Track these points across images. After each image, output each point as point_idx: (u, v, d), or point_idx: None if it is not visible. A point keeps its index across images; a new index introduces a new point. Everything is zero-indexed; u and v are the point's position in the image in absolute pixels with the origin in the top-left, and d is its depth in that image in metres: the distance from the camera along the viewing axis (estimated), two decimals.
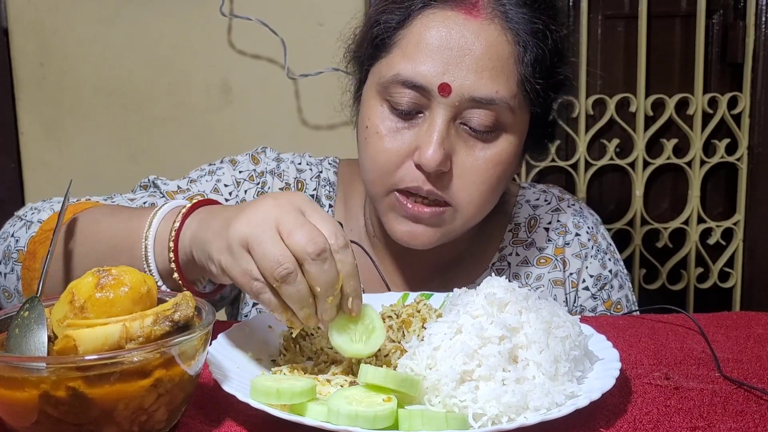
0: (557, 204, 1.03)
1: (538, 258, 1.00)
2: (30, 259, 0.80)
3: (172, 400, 0.54)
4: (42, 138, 1.74)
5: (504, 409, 0.56)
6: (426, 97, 0.82)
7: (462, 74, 0.81)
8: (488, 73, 0.81)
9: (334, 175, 1.03)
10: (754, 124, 1.84)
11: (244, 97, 1.74)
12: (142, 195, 0.95)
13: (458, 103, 0.82)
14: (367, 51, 0.89)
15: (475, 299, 0.65)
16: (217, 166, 1.00)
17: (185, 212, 0.72)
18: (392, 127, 0.84)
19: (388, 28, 0.85)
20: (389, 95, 0.84)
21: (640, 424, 0.59)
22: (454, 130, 0.84)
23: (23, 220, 0.86)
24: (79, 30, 1.69)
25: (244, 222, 0.63)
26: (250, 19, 1.66)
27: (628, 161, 1.85)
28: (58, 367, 0.49)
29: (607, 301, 1.00)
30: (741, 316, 0.89)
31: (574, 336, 0.65)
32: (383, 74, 0.85)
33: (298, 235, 0.61)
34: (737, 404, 0.62)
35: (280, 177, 0.99)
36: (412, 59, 0.82)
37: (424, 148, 0.82)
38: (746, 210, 1.89)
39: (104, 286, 0.54)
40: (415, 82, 0.82)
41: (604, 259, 1.01)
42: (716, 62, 1.87)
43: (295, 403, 0.57)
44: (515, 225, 1.02)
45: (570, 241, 1.00)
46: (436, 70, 0.81)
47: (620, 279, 1.03)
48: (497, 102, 0.82)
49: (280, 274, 0.60)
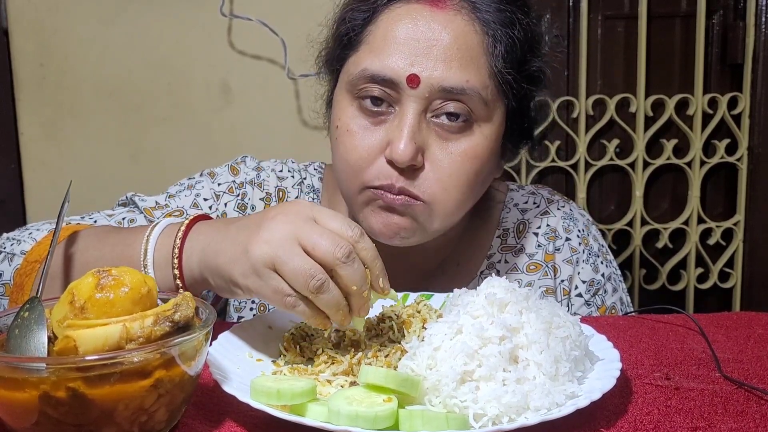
0: (546, 207, 1.01)
1: (528, 264, 0.98)
2: (17, 291, 0.79)
3: (173, 400, 0.54)
4: (42, 138, 1.73)
5: (504, 410, 0.56)
6: (395, 90, 0.81)
7: (430, 65, 0.79)
8: (457, 63, 0.79)
9: (318, 181, 1.02)
10: (754, 125, 1.84)
11: (244, 98, 1.74)
12: (120, 211, 0.95)
13: (428, 95, 0.80)
14: (336, 52, 0.88)
15: (476, 299, 0.65)
16: (196, 180, 0.99)
17: (182, 235, 0.72)
18: (363, 124, 0.83)
19: (354, 26, 0.85)
20: (358, 92, 0.83)
21: (641, 424, 0.59)
22: (426, 124, 0.82)
23: (2, 253, 0.85)
24: (79, 30, 1.69)
25: (262, 244, 0.64)
26: (251, 20, 1.66)
27: (628, 161, 1.86)
28: (58, 368, 0.49)
29: (602, 306, 0.98)
30: (741, 317, 0.89)
31: (574, 336, 0.64)
32: (351, 72, 0.84)
33: (323, 245, 0.63)
34: (738, 404, 0.62)
35: (260, 187, 0.99)
36: (379, 54, 0.81)
37: (395, 142, 0.80)
38: (746, 210, 1.89)
39: (104, 287, 0.54)
40: (384, 76, 0.80)
41: (596, 263, 0.99)
42: (716, 62, 1.87)
43: (296, 403, 0.57)
44: (503, 231, 0.99)
45: (560, 247, 0.98)
46: (403, 62, 0.80)
47: (614, 282, 1.01)
48: (468, 92, 0.80)
49: (314, 286, 0.63)
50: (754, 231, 1.90)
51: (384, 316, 0.75)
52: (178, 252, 0.72)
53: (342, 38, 0.86)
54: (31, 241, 0.85)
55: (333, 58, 0.89)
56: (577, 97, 1.82)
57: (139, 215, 0.94)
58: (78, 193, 1.00)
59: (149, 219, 0.94)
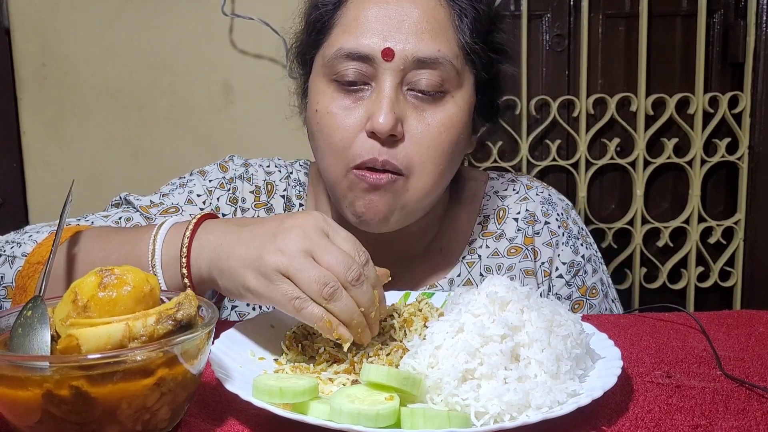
0: (525, 193, 1.03)
1: (509, 248, 1.00)
2: (20, 294, 0.79)
3: (175, 399, 0.54)
4: (44, 138, 1.74)
5: (506, 408, 0.56)
6: (371, 66, 0.84)
7: (403, 38, 0.83)
8: (428, 35, 0.83)
9: (304, 176, 1.05)
10: (755, 124, 1.84)
11: (246, 97, 1.74)
12: (116, 212, 0.96)
13: (403, 67, 0.83)
14: (309, 39, 0.91)
15: (477, 298, 0.65)
16: (187, 178, 1.02)
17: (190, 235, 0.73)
18: (342, 104, 0.85)
19: (326, 11, 0.88)
20: (335, 73, 0.85)
21: (642, 422, 0.59)
22: (403, 97, 0.84)
23: (2, 256, 0.85)
24: (80, 30, 1.70)
25: (277, 253, 0.66)
26: (252, 19, 1.66)
27: (628, 160, 1.86)
28: (61, 366, 0.49)
29: (582, 287, 1.00)
30: (742, 315, 0.89)
31: (575, 334, 0.65)
32: (327, 54, 0.86)
33: (334, 263, 0.65)
34: (739, 402, 0.62)
35: (249, 181, 1.01)
36: (353, 32, 0.84)
37: (375, 114, 0.82)
38: (747, 209, 1.89)
39: (107, 286, 0.54)
40: (359, 52, 0.83)
41: (576, 245, 1.01)
42: (717, 61, 1.87)
43: (298, 401, 0.57)
44: (484, 217, 1.01)
45: (540, 231, 1.00)
46: (377, 38, 0.83)
47: (593, 263, 1.02)
48: (440, 60, 0.83)
49: (327, 293, 0.64)
50: (754, 230, 1.90)
51: (385, 314, 0.75)
52: (187, 251, 0.72)
53: (315, 24, 0.89)
54: (31, 244, 0.85)
55: (306, 46, 0.92)
56: (577, 96, 1.82)
57: (134, 213, 0.96)
58: (80, 193, 1.00)
59: (146, 216, 0.95)
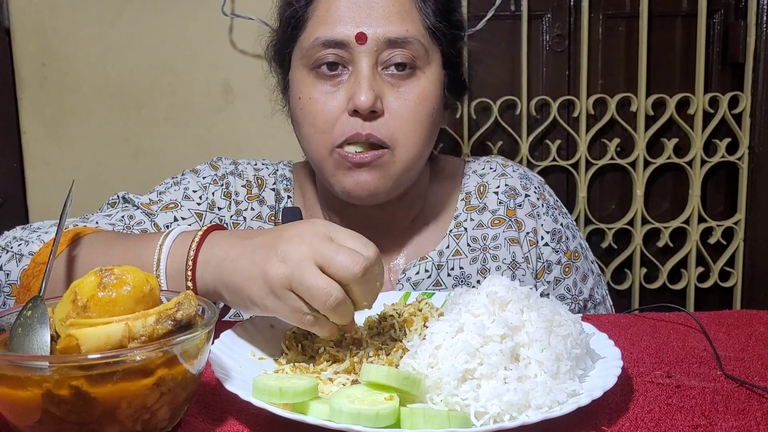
0: (503, 170, 1.10)
1: (492, 220, 1.06)
2: (24, 293, 0.80)
3: (175, 398, 0.54)
4: (44, 138, 1.74)
5: (506, 408, 0.56)
6: (347, 51, 0.91)
7: (374, 22, 0.90)
8: (396, 17, 0.91)
9: (290, 172, 1.11)
10: (755, 124, 1.84)
11: (246, 97, 1.74)
12: (117, 211, 0.98)
13: (376, 48, 0.90)
14: (286, 35, 0.97)
15: (477, 298, 0.65)
16: (180, 177, 1.06)
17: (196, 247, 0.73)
18: (323, 89, 0.92)
19: (299, 7, 0.94)
20: (314, 62, 0.92)
21: (642, 422, 0.59)
22: (379, 76, 0.91)
23: (10, 252, 0.86)
24: (80, 30, 1.70)
25: (279, 264, 0.65)
26: (252, 19, 1.66)
27: (628, 161, 1.86)
28: (61, 366, 0.49)
29: (567, 251, 1.07)
30: (743, 315, 0.89)
31: (575, 334, 0.65)
32: (304, 45, 0.93)
33: (339, 261, 0.64)
34: (739, 403, 0.62)
35: (240, 176, 1.06)
36: (326, 22, 0.91)
37: (356, 94, 0.89)
38: (747, 209, 1.89)
39: (107, 286, 0.54)
40: (335, 39, 0.90)
41: (555, 214, 1.08)
42: (717, 62, 1.87)
43: (298, 401, 0.57)
44: (466, 194, 1.08)
45: (522, 203, 1.07)
46: (350, 25, 0.90)
47: (571, 230, 1.10)
48: (410, 39, 0.91)
49: (331, 305, 0.64)
50: (754, 230, 1.90)
51: (385, 314, 0.76)
52: (192, 264, 0.72)
53: (290, 20, 0.96)
54: (39, 243, 0.86)
55: (284, 43, 0.98)
56: (578, 96, 1.82)
57: (135, 211, 0.99)
58: (80, 193, 1.00)
59: (147, 212, 0.99)
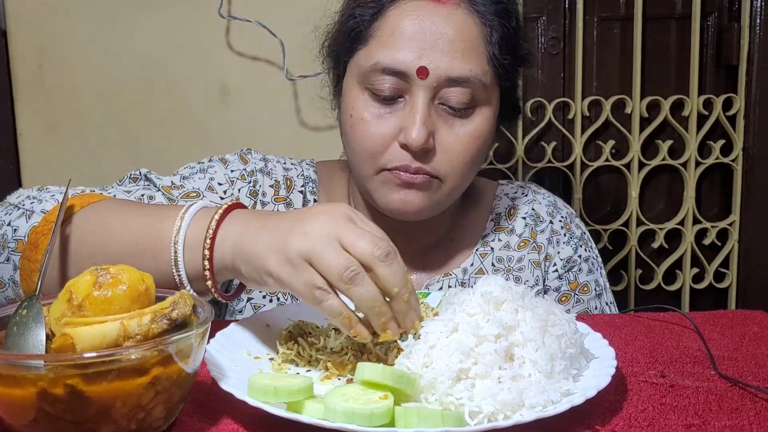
0: (533, 197, 1.11)
1: (518, 242, 1.07)
2: (31, 249, 0.78)
3: (170, 397, 0.54)
4: (40, 139, 1.73)
5: (500, 407, 0.57)
6: (406, 81, 0.88)
7: (437, 57, 0.87)
8: (461, 54, 0.87)
9: (314, 173, 1.08)
10: (749, 126, 1.85)
11: (243, 99, 1.74)
12: (137, 188, 0.95)
13: (436, 84, 0.87)
14: (344, 45, 0.94)
15: (472, 298, 0.65)
16: (208, 164, 1.01)
17: (218, 219, 0.72)
18: (376, 113, 0.90)
19: (363, 21, 0.91)
20: (370, 83, 0.89)
21: (636, 421, 0.59)
22: (434, 110, 0.89)
23: (21, 209, 0.83)
24: (77, 31, 1.70)
25: (302, 237, 0.65)
26: (249, 21, 1.66)
27: (623, 162, 1.86)
28: (56, 365, 0.49)
29: (573, 282, 1.07)
30: (736, 315, 0.89)
31: (569, 334, 0.65)
32: (362, 65, 0.90)
33: (363, 242, 0.63)
34: (732, 402, 0.63)
35: (269, 175, 1.04)
36: (389, 47, 0.88)
37: (408, 128, 0.87)
38: (741, 211, 1.89)
39: (102, 285, 0.55)
40: (395, 68, 0.87)
41: (577, 246, 1.08)
42: (711, 64, 1.87)
43: (292, 401, 0.57)
44: (496, 215, 1.09)
45: (544, 229, 1.07)
46: (412, 55, 0.87)
47: (590, 264, 1.09)
48: (471, 79, 0.88)
49: (348, 276, 0.62)
50: (749, 231, 1.90)
51: None
52: (212, 234, 0.71)
53: (350, 33, 0.93)
54: (53, 202, 0.84)
55: (342, 50, 0.95)
56: (573, 98, 1.82)
57: (156, 192, 0.95)
58: None
59: (168, 197, 0.95)
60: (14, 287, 0.80)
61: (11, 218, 0.83)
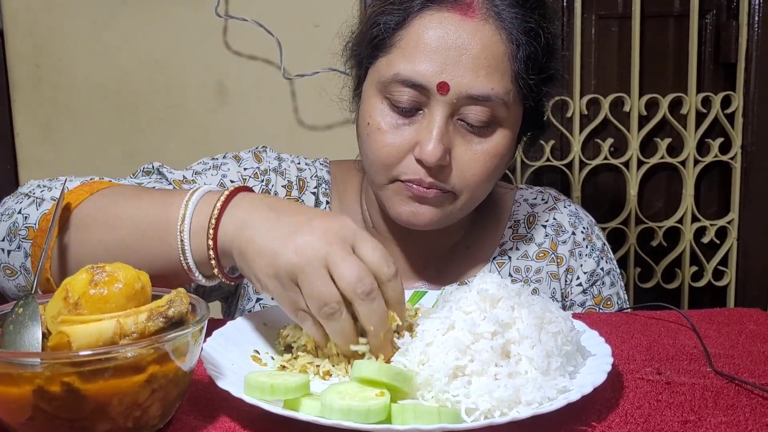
0: (554, 204, 1.08)
1: (537, 252, 1.04)
2: (41, 236, 0.77)
3: (166, 395, 0.54)
4: (38, 139, 1.74)
5: (496, 404, 0.57)
6: (425, 95, 0.85)
7: (459, 73, 0.84)
8: (484, 72, 0.84)
9: (327, 174, 1.05)
10: (748, 124, 1.85)
11: (240, 98, 1.74)
12: (149, 181, 0.94)
13: (456, 101, 0.84)
14: (367, 50, 0.91)
15: (468, 295, 0.65)
16: (221, 161, 1.00)
17: (221, 206, 0.71)
18: (393, 123, 0.87)
19: (387, 28, 0.88)
20: (389, 93, 0.87)
21: (632, 418, 0.59)
22: (452, 126, 0.87)
23: (31, 197, 0.83)
24: (74, 31, 1.70)
25: (293, 254, 0.64)
26: (246, 20, 1.67)
27: (622, 161, 1.86)
28: (52, 363, 0.49)
29: (597, 296, 1.04)
30: (733, 313, 0.89)
31: (566, 331, 0.65)
32: (383, 73, 0.88)
33: (349, 275, 0.63)
34: (728, 398, 0.63)
35: (282, 175, 1.01)
36: (411, 59, 0.85)
37: (424, 143, 0.85)
38: (740, 208, 1.89)
39: (98, 283, 0.55)
40: (415, 81, 0.84)
41: (599, 258, 1.05)
42: (709, 62, 1.88)
43: (289, 398, 0.57)
44: (515, 222, 1.06)
45: (566, 240, 1.05)
46: (434, 69, 0.84)
47: (612, 277, 1.06)
48: (493, 98, 0.85)
49: (325, 313, 0.63)
50: (747, 229, 1.91)
51: None
52: (216, 222, 0.70)
53: (373, 40, 0.90)
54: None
55: (363, 56, 0.93)
56: (571, 96, 1.82)
57: (168, 186, 0.94)
58: None
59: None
60: (26, 274, 0.80)
61: (22, 206, 0.82)
